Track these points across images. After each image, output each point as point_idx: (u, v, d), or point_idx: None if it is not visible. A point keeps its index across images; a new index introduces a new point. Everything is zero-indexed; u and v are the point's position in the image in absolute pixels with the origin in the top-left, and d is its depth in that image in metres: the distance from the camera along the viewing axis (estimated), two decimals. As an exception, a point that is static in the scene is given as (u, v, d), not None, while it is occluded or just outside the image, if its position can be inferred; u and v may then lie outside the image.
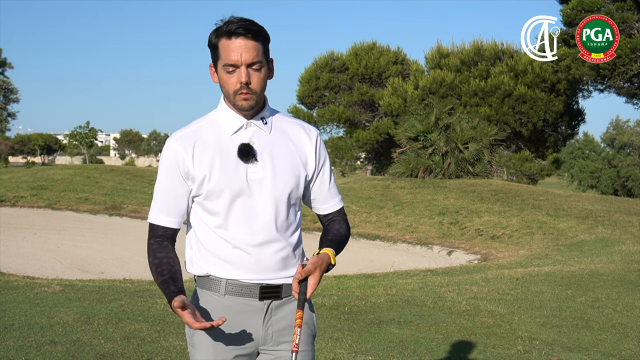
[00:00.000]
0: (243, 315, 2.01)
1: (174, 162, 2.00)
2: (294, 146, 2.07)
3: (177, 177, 2.01)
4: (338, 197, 2.20)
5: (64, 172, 25.63)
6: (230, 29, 1.92)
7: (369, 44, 35.41)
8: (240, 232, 1.99)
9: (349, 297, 6.93)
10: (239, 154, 1.98)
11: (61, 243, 14.64)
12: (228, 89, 1.97)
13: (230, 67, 1.94)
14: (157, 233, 2.04)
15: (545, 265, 10.03)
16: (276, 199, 2.00)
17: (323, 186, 2.14)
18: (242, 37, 1.92)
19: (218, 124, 2.04)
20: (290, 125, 2.10)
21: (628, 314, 6.33)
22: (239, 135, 2.01)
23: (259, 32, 1.95)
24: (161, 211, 2.04)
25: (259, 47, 1.95)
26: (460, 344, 5.15)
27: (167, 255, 2.00)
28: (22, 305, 5.96)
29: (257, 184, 1.99)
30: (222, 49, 1.94)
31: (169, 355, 4.56)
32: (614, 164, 49.21)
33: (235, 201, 1.98)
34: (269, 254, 2.00)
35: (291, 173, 2.03)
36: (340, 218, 2.19)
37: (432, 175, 22.23)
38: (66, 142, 65.57)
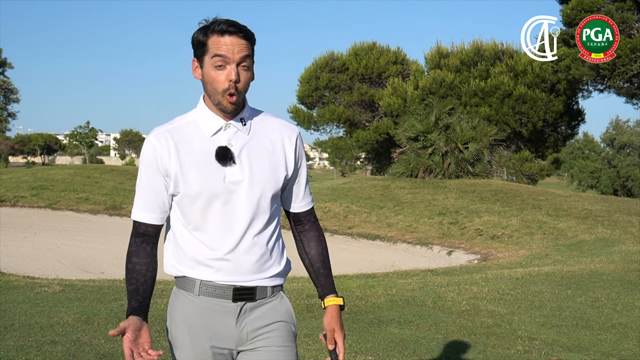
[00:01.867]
0: (217, 316, 2.01)
1: (152, 158, 2.00)
2: (272, 147, 2.06)
3: (157, 173, 2.00)
4: (311, 196, 2.21)
5: (64, 172, 25.64)
6: (222, 27, 1.93)
7: (369, 44, 35.43)
8: (216, 234, 1.99)
9: (349, 297, 6.93)
10: (217, 157, 1.97)
11: (61, 243, 14.64)
12: (216, 87, 1.95)
13: (220, 61, 1.93)
14: (138, 231, 2.03)
15: (545, 265, 10.04)
16: (254, 201, 2.00)
17: (299, 185, 2.15)
18: (234, 36, 1.93)
19: (197, 124, 2.03)
20: (269, 125, 2.09)
21: (628, 314, 6.33)
22: (217, 137, 2.00)
23: (249, 32, 1.96)
24: (142, 208, 2.03)
25: (249, 47, 1.96)
26: (460, 344, 5.15)
27: (140, 262, 1.99)
28: (22, 305, 5.96)
29: (235, 187, 1.98)
30: (213, 45, 1.93)
31: (169, 355, 4.56)
32: (614, 164, 49.23)
33: (212, 204, 1.97)
34: (245, 256, 2.00)
35: (270, 175, 2.03)
36: (314, 227, 2.20)
37: (432, 175, 22.24)
38: (66, 142, 65.59)
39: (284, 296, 2.13)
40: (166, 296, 6.62)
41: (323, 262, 2.16)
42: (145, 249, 2.02)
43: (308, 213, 2.20)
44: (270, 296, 2.07)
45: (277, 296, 2.10)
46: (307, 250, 2.17)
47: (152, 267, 2.01)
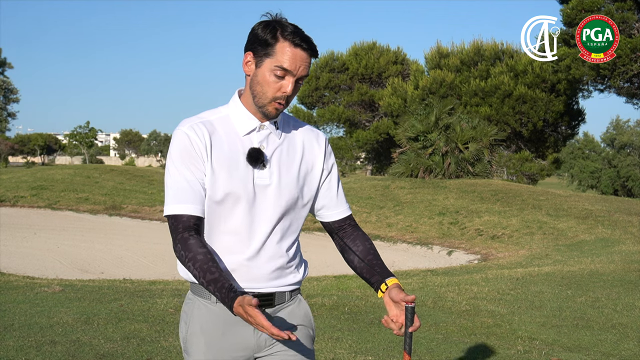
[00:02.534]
0: (235, 324, 1.95)
1: (188, 147, 1.89)
2: (302, 152, 2.01)
3: (193, 163, 1.89)
4: (346, 204, 2.12)
5: (64, 172, 25.65)
6: (297, 40, 1.87)
7: (369, 44, 35.42)
8: (238, 238, 1.93)
9: (349, 297, 6.93)
10: (249, 159, 1.91)
11: (61, 243, 14.64)
12: (266, 92, 1.89)
13: (281, 72, 1.87)
14: (180, 226, 1.88)
15: (545, 265, 10.03)
16: (280, 207, 1.95)
17: (331, 191, 2.08)
18: (305, 52, 1.88)
19: (229, 121, 1.96)
20: (299, 130, 2.05)
21: (628, 314, 6.33)
22: (250, 137, 1.95)
23: (316, 52, 1.92)
24: (178, 200, 1.89)
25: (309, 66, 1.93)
26: (460, 344, 5.15)
27: (208, 251, 1.84)
28: (22, 305, 5.96)
29: (262, 190, 1.92)
30: (280, 52, 1.87)
31: (168, 355, 4.56)
32: (614, 164, 49.22)
33: (237, 206, 1.91)
34: (265, 263, 1.94)
35: (297, 180, 1.98)
36: (357, 231, 2.11)
37: (432, 175, 22.24)
38: (66, 142, 65.58)
39: (301, 299, 2.08)
40: (165, 296, 6.62)
41: (374, 254, 2.06)
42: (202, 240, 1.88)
43: (347, 219, 2.12)
44: (289, 300, 2.03)
45: (295, 300, 2.06)
46: (355, 249, 2.07)
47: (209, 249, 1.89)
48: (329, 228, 2.12)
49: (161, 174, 27.01)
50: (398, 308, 1.93)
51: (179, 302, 6.24)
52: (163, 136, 74.00)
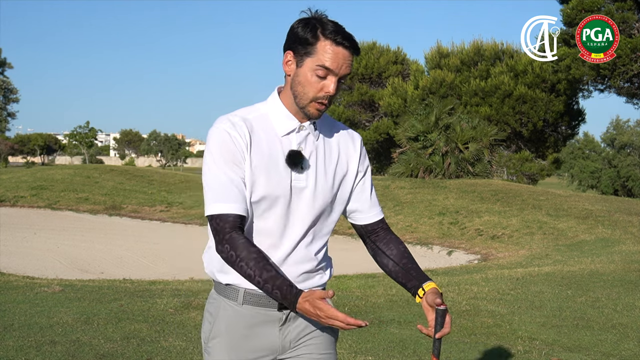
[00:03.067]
0: (260, 325, 1.94)
1: (230, 144, 1.84)
2: (337, 154, 1.98)
3: (234, 160, 1.84)
4: (379, 207, 2.09)
5: (64, 172, 25.64)
6: (339, 39, 1.83)
7: (369, 44, 35.42)
8: (270, 240, 1.90)
9: (349, 297, 6.93)
10: (288, 161, 1.87)
11: (61, 243, 14.64)
12: (308, 91, 1.85)
13: (323, 71, 1.84)
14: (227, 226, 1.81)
15: (545, 265, 10.03)
16: (314, 210, 1.92)
17: (364, 194, 2.04)
18: (348, 50, 1.85)
19: (268, 120, 1.91)
20: (335, 131, 2.01)
21: (628, 314, 6.33)
22: (289, 138, 1.91)
23: (358, 51, 1.89)
24: (222, 199, 1.82)
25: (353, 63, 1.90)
26: (460, 344, 5.15)
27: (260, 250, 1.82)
28: (22, 305, 5.95)
29: (297, 193, 1.89)
30: (322, 50, 1.83)
31: (168, 355, 4.56)
32: (614, 164, 49.23)
33: (272, 208, 1.88)
34: (294, 266, 1.92)
35: (333, 183, 1.95)
36: (390, 234, 2.07)
37: (432, 175, 22.24)
38: (66, 142, 65.60)
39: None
40: (165, 296, 6.62)
41: (409, 258, 2.02)
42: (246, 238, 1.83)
43: (380, 222, 2.08)
44: None
45: None
46: (389, 253, 2.03)
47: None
48: (360, 231, 2.09)
49: (161, 174, 26.98)
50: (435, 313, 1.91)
51: (179, 302, 6.23)
52: (163, 136, 73.99)
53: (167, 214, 19.28)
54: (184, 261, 12.42)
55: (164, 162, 71.95)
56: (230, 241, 1.80)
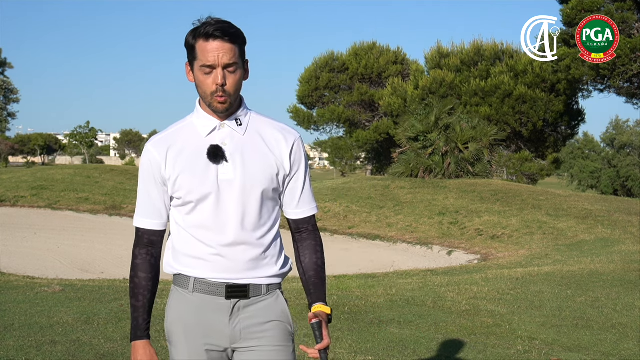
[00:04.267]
0: (211, 313, 2.04)
1: (148, 167, 2.07)
2: (267, 147, 2.06)
3: (153, 182, 2.07)
4: (310, 205, 2.17)
5: (64, 172, 25.64)
6: (208, 31, 1.94)
7: (369, 44, 35.42)
8: (210, 232, 2.01)
9: (349, 297, 6.93)
10: (208, 155, 2.01)
11: (61, 243, 14.64)
12: (205, 90, 1.99)
13: (207, 69, 1.96)
14: (142, 240, 2.09)
15: (545, 265, 10.03)
16: (246, 199, 2.01)
17: (295, 192, 2.13)
18: (219, 40, 1.94)
19: (193, 126, 2.07)
20: (267, 127, 2.10)
21: (628, 314, 6.33)
22: (212, 136, 2.04)
23: (235, 35, 1.97)
24: (142, 214, 2.10)
25: (235, 50, 1.96)
26: (460, 344, 5.15)
27: (147, 277, 2.07)
28: (22, 305, 5.96)
29: (227, 185, 2.00)
30: (200, 50, 1.96)
31: (169, 355, 4.56)
32: (614, 164, 49.24)
33: (205, 202, 2.00)
34: (237, 254, 2.01)
35: (262, 174, 2.04)
36: (311, 236, 2.16)
37: (432, 175, 22.24)
38: (66, 142, 65.57)
39: (280, 295, 2.12)
40: (165, 296, 6.60)
41: (316, 271, 2.13)
42: (151, 262, 2.09)
43: (305, 221, 2.17)
44: (266, 294, 2.08)
45: (272, 294, 2.10)
46: (302, 259, 2.15)
47: (156, 281, 2.10)
48: (290, 227, 2.18)
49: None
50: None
51: (179, 302, 6.24)
52: (163, 136, 73.89)
53: (167, 214, 19.26)
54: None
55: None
56: (134, 257, 2.09)
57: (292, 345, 2.12)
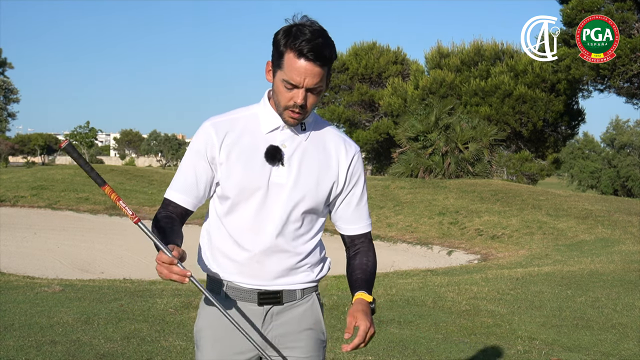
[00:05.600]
0: (243, 319, 1.97)
1: (202, 145, 1.95)
2: (326, 157, 1.99)
3: (203, 158, 1.95)
4: (365, 221, 2.09)
5: (64, 172, 25.64)
6: (302, 49, 1.82)
7: (369, 44, 35.42)
8: (247, 233, 1.94)
9: (349, 297, 6.91)
10: (266, 155, 1.92)
11: (61, 243, 14.64)
12: (281, 100, 1.90)
13: (289, 85, 1.87)
14: (167, 207, 1.97)
15: (545, 265, 10.03)
16: (292, 207, 1.94)
17: (349, 206, 2.05)
18: (310, 62, 1.83)
19: (256, 119, 1.98)
20: (329, 137, 2.02)
21: (628, 314, 6.33)
22: (273, 135, 1.96)
23: (327, 58, 1.86)
24: (177, 189, 1.97)
25: (322, 73, 1.87)
26: (460, 344, 5.15)
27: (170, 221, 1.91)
28: (22, 305, 5.96)
29: (277, 188, 1.93)
30: (287, 63, 1.85)
31: (169, 355, 4.56)
32: (614, 164, 49.22)
33: (250, 201, 1.93)
34: (272, 261, 1.94)
35: (315, 183, 1.96)
36: (364, 247, 2.08)
37: (432, 175, 22.24)
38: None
39: (315, 300, 2.06)
40: (165, 296, 6.63)
41: (363, 270, 2.04)
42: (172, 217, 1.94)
43: (361, 237, 2.08)
44: (300, 299, 2.02)
45: (308, 299, 2.04)
46: (352, 263, 2.06)
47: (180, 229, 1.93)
48: (343, 240, 2.11)
49: (161, 174, 27.04)
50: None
51: (179, 302, 6.24)
52: (163, 136, 73.97)
53: (167, 214, 19.27)
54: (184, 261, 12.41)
55: (164, 162, 71.96)
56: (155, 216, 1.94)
57: (322, 354, 2.07)
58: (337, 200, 2.04)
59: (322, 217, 2.04)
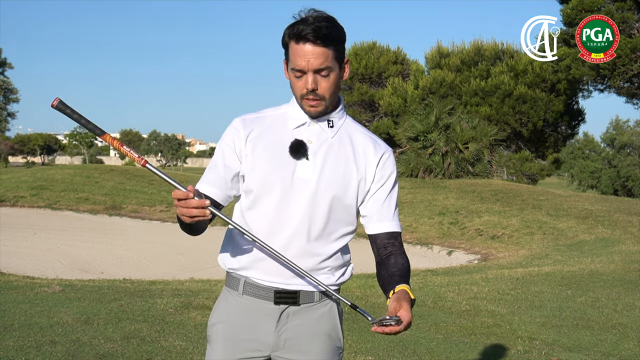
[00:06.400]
0: (258, 317, 1.95)
1: (230, 139, 1.96)
2: (354, 155, 1.96)
3: (231, 153, 1.95)
4: (394, 221, 2.03)
5: (64, 172, 25.63)
6: (301, 32, 1.84)
7: (369, 44, 35.40)
8: (269, 228, 1.91)
9: (348, 297, 6.93)
10: (290, 149, 1.92)
11: (61, 243, 14.64)
12: (296, 92, 1.92)
13: (297, 72, 1.88)
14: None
15: (545, 265, 10.03)
16: (316, 204, 1.90)
17: (377, 202, 2.00)
18: (310, 43, 1.84)
19: (285, 117, 1.99)
20: (359, 135, 2.01)
21: (628, 314, 6.33)
22: (299, 131, 1.95)
23: (329, 37, 1.85)
24: (208, 182, 1.96)
25: (327, 53, 1.85)
26: (460, 344, 5.15)
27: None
28: (22, 305, 5.95)
29: (301, 184, 1.90)
30: (291, 52, 1.88)
31: (169, 355, 4.56)
32: (614, 164, 49.23)
33: (273, 194, 1.90)
34: (293, 258, 1.89)
35: (341, 181, 1.93)
36: (396, 249, 2.01)
37: (432, 175, 22.24)
38: (66, 142, 65.58)
39: (334, 305, 2.02)
40: (166, 296, 6.62)
41: (400, 269, 1.97)
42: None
43: (392, 236, 2.01)
44: (318, 301, 1.98)
45: (326, 303, 2.00)
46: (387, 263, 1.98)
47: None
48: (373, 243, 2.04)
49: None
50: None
51: (179, 302, 6.24)
52: (163, 136, 73.96)
53: (167, 214, 19.26)
54: (184, 261, 12.43)
55: (164, 162, 71.94)
56: None
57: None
58: (366, 198, 2.00)
59: (350, 220, 1.99)
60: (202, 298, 6.49)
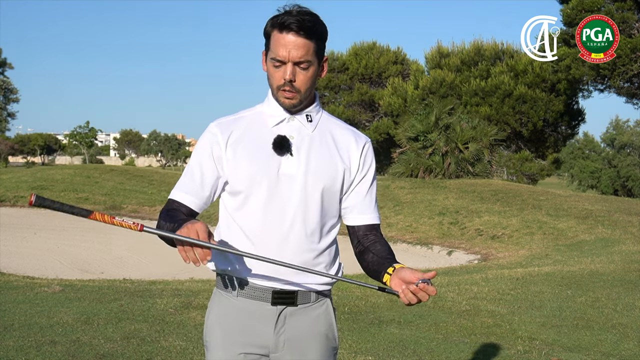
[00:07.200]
0: (255, 319, 1.92)
1: (207, 145, 1.93)
2: (336, 147, 1.97)
3: (208, 159, 1.92)
4: (375, 213, 2.03)
5: (64, 172, 25.64)
6: (284, 22, 1.82)
7: (369, 44, 35.41)
8: (261, 227, 1.89)
9: (349, 297, 6.93)
10: (273, 146, 1.89)
11: (61, 243, 14.64)
12: (272, 82, 1.90)
13: (277, 62, 1.86)
14: (171, 205, 1.94)
15: (545, 265, 10.03)
16: (305, 198, 1.89)
17: (359, 195, 2.00)
18: (293, 33, 1.83)
19: (262, 116, 1.97)
20: (338, 128, 2.02)
21: (628, 314, 6.33)
22: (279, 128, 1.94)
23: (312, 30, 1.84)
24: (182, 189, 1.94)
25: (309, 46, 1.85)
26: (460, 344, 5.15)
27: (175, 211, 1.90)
28: (22, 305, 5.95)
29: (287, 180, 1.89)
30: (273, 41, 1.86)
31: (169, 355, 4.56)
32: (614, 164, 49.23)
33: (260, 193, 1.88)
34: (288, 256, 1.87)
35: (327, 173, 1.92)
36: (379, 238, 2.01)
37: (432, 175, 22.24)
38: (66, 142, 65.57)
39: (329, 304, 2.02)
40: (166, 296, 6.62)
41: (390, 253, 1.95)
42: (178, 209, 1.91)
43: (372, 228, 2.02)
44: (315, 302, 1.98)
45: (322, 303, 2.00)
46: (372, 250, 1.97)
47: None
48: (353, 235, 2.04)
49: (161, 174, 27.06)
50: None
51: (179, 302, 6.24)
52: (163, 136, 73.93)
53: (167, 214, 19.28)
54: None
55: (164, 162, 71.94)
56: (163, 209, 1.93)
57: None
58: (348, 190, 2.00)
59: (337, 212, 1.99)
60: (202, 298, 6.49)
